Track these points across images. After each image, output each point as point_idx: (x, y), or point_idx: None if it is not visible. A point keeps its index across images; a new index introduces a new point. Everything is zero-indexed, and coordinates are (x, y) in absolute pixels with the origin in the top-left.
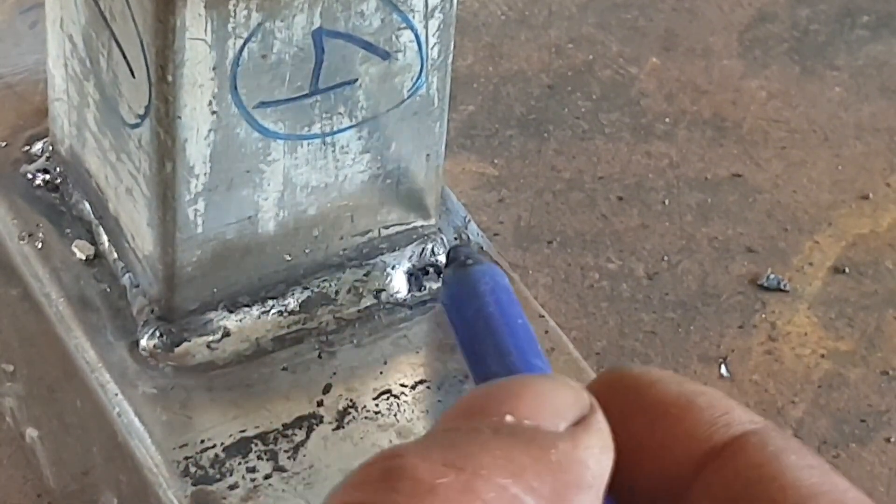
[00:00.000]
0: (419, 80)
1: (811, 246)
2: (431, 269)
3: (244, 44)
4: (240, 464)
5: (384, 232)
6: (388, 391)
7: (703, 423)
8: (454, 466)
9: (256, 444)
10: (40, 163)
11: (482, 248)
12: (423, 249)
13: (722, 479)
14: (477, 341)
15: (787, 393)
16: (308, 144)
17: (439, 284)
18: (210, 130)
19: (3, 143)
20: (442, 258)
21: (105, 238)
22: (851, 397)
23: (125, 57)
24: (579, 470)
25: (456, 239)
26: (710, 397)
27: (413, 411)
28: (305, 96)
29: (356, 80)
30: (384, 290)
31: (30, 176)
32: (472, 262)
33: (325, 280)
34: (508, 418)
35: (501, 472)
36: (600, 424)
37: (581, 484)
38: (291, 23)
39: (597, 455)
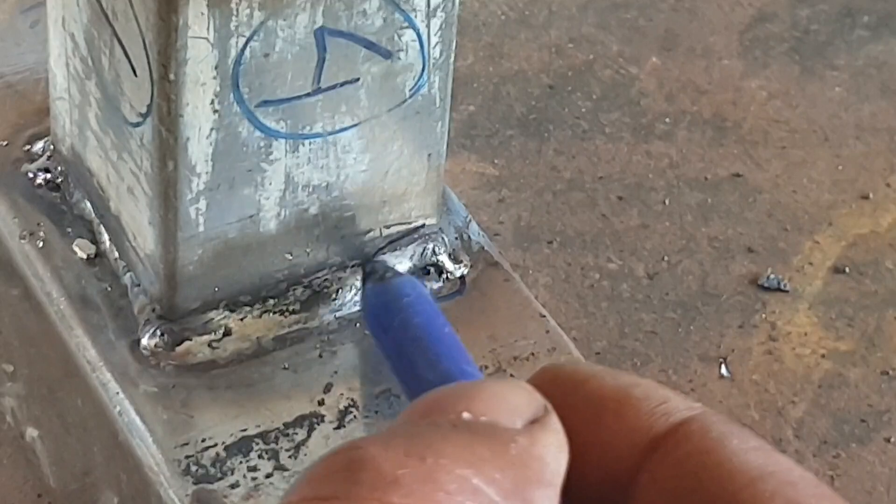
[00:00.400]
0: (421, 80)
1: (811, 246)
2: (432, 269)
3: (246, 42)
4: (241, 463)
5: (385, 231)
6: (389, 390)
7: (641, 414)
8: (416, 456)
9: (257, 443)
10: (41, 162)
11: (482, 248)
12: (425, 249)
13: (667, 469)
14: (405, 352)
15: (787, 393)
16: (310, 143)
17: (439, 284)
18: (212, 129)
19: (5, 142)
20: (443, 258)
21: (106, 237)
22: (851, 397)
23: (127, 55)
24: (538, 466)
25: (457, 239)
26: (645, 388)
27: None
28: (307, 95)
29: (358, 79)
30: None
31: (31, 175)
32: (392, 275)
33: (326, 279)
34: (465, 415)
35: (462, 463)
36: (556, 424)
37: (541, 480)
38: (294, 21)
39: (554, 453)
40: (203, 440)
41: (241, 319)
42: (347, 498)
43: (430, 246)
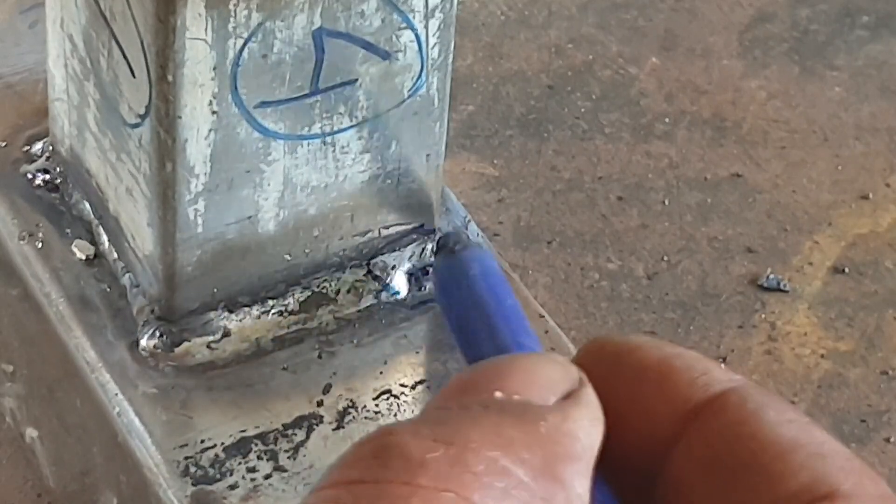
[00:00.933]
0: (419, 80)
1: (811, 246)
2: (432, 269)
3: (244, 44)
4: (240, 464)
5: (384, 232)
6: (388, 391)
7: (682, 384)
8: (444, 441)
9: (256, 444)
10: (40, 163)
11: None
12: (424, 249)
13: (703, 439)
14: (467, 325)
15: (787, 393)
16: (308, 144)
17: None
18: (210, 130)
19: (3, 143)
20: None
21: (105, 238)
22: (851, 397)
23: (125, 57)
24: (569, 442)
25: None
26: (688, 359)
27: (413, 411)
28: (306, 96)
29: (356, 80)
30: (384, 290)
31: (30, 176)
32: (461, 248)
33: (325, 280)
34: (497, 394)
35: (491, 445)
36: (589, 398)
37: (571, 455)
38: (292, 23)
39: (586, 427)
40: (202, 441)
41: (240, 320)
42: (377, 482)
43: (430, 246)
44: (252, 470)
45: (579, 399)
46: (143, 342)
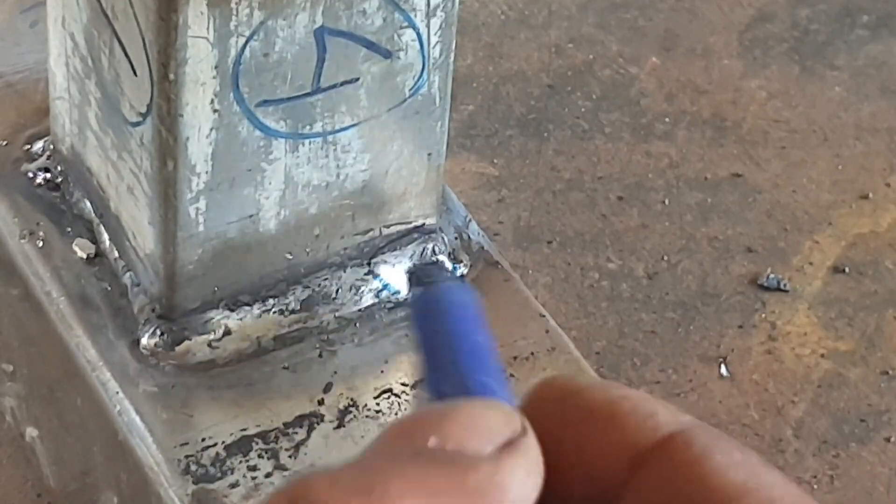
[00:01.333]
0: (421, 80)
1: (811, 246)
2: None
3: (246, 42)
4: (241, 462)
5: (385, 231)
6: (389, 390)
7: (628, 428)
8: (364, 490)
9: (257, 443)
10: (41, 161)
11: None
12: (424, 249)
13: (651, 484)
14: (433, 360)
15: (787, 393)
16: (309, 143)
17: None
18: (212, 129)
19: (4, 142)
20: (443, 258)
21: (106, 237)
22: (851, 397)
23: (127, 55)
24: (498, 494)
25: (457, 239)
26: (634, 402)
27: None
28: (307, 95)
29: (358, 78)
30: (385, 289)
31: (31, 175)
32: (435, 281)
33: (325, 279)
34: (431, 442)
35: (413, 496)
36: (529, 447)
37: None
38: (293, 21)
39: (521, 478)
40: (203, 440)
41: (241, 319)
42: None
43: (430, 246)
44: (253, 468)
45: (517, 448)
46: (143, 341)
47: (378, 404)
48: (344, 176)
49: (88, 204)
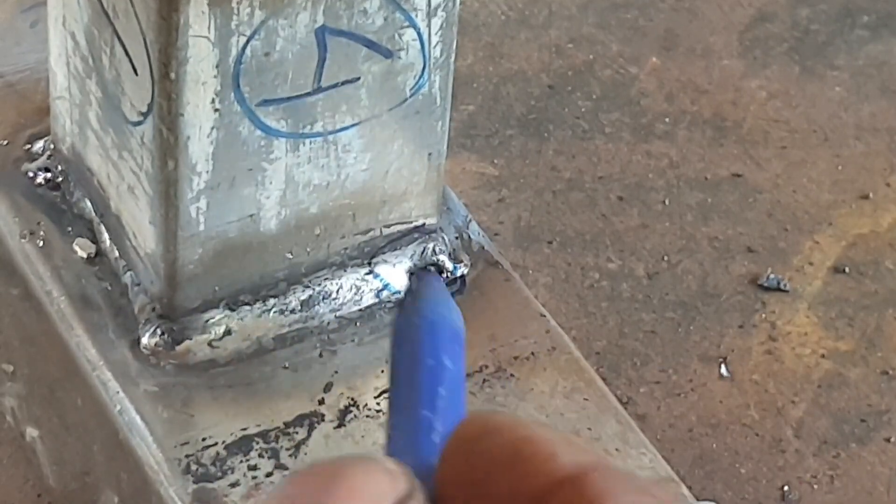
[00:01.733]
0: (421, 79)
1: (811, 246)
2: (433, 268)
3: (247, 41)
4: (241, 462)
5: (385, 231)
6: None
7: (528, 472)
8: None
9: (258, 442)
10: (42, 161)
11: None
12: (425, 248)
13: None
14: (393, 386)
15: (787, 393)
16: (310, 143)
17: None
18: (212, 128)
19: (5, 142)
20: (443, 257)
21: (106, 236)
22: (851, 397)
23: (128, 54)
24: None
25: (457, 238)
26: (536, 444)
27: None
28: (308, 94)
29: (359, 78)
30: (385, 289)
31: (31, 174)
32: (408, 304)
33: (326, 279)
34: None
35: None
36: None
37: None
38: (294, 21)
39: None
40: (203, 439)
41: (242, 319)
42: None
43: (430, 245)
44: (253, 468)
45: None
46: (144, 340)
47: (378, 404)
48: (344, 175)
49: (89, 203)
